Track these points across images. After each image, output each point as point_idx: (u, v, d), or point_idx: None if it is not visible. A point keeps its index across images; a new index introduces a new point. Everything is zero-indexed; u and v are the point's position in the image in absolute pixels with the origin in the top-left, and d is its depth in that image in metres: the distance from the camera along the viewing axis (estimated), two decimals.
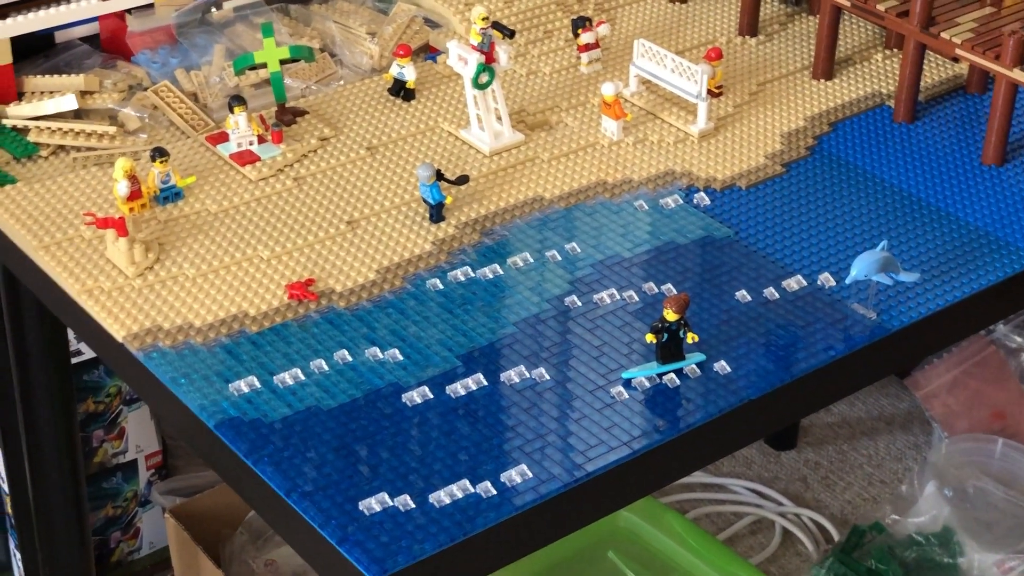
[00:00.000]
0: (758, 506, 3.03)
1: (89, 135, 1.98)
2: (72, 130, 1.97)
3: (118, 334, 1.68)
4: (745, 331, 1.72)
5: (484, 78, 1.97)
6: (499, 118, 2.02)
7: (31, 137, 1.98)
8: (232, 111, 1.94)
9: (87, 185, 1.91)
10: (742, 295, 1.78)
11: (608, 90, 2.02)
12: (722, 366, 1.67)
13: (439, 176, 1.88)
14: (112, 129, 1.98)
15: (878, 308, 1.76)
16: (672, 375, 1.65)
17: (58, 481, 2.23)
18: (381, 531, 1.45)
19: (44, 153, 1.97)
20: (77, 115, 2.03)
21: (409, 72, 2.10)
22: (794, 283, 1.80)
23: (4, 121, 2.00)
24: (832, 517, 2.99)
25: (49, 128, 1.98)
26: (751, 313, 1.75)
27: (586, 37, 2.17)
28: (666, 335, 1.65)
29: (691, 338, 1.65)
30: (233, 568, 2.48)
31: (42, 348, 2.12)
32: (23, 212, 1.86)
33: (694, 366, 1.66)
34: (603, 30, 2.20)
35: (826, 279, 1.81)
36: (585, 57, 2.19)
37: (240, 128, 1.95)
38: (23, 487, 2.29)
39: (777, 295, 1.78)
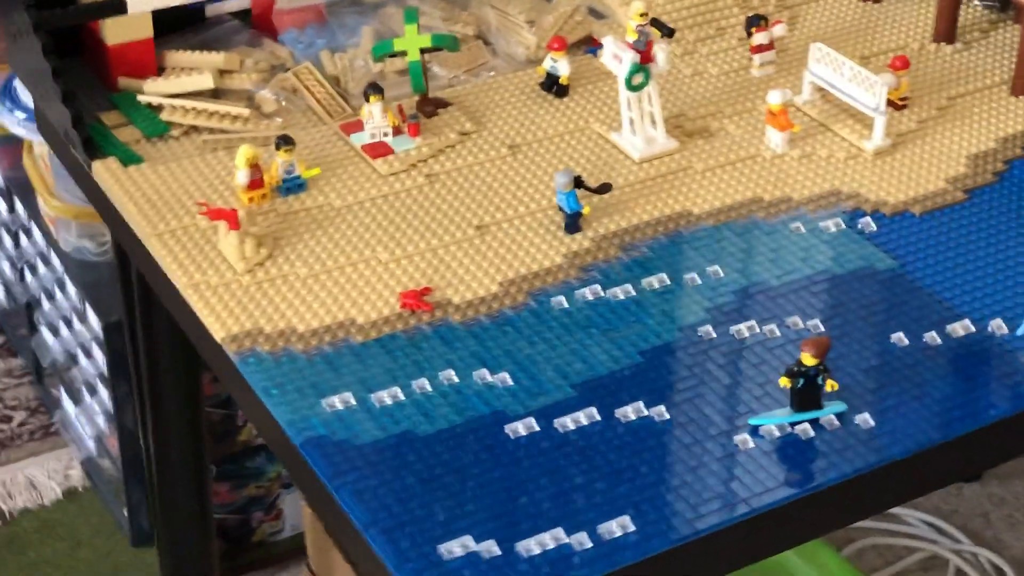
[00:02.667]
0: (933, 541, 2.83)
1: (223, 116, 1.88)
2: (206, 110, 1.89)
3: (218, 334, 1.58)
4: (897, 380, 1.55)
5: (638, 79, 1.82)
6: (653, 122, 1.87)
7: (164, 116, 1.89)
8: (368, 100, 1.83)
9: (211, 170, 1.82)
10: (898, 338, 1.60)
11: (775, 99, 1.85)
12: (865, 419, 1.50)
13: (578, 184, 1.74)
14: (246, 111, 1.88)
15: None
16: (806, 425, 1.49)
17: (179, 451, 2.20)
18: None
19: (176, 133, 1.88)
20: (215, 95, 1.94)
21: (563, 67, 1.96)
22: (960, 328, 1.61)
23: (140, 98, 1.92)
24: (1013, 560, 2.77)
25: (183, 107, 1.89)
26: (906, 360, 1.57)
27: (759, 37, 2.00)
28: (802, 380, 1.49)
29: (830, 386, 1.48)
30: None
31: (168, 334, 2.06)
32: (142, 195, 1.78)
33: (832, 417, 1.50)
34: (779, 30, 2.02)
35: (998, 326, 1.62)
36: (757, 59, 2.02)
37: (375, 118, 1.84)
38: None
39: (939, 341, 1.60)
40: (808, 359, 1.47)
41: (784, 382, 1.49)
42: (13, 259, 3.07)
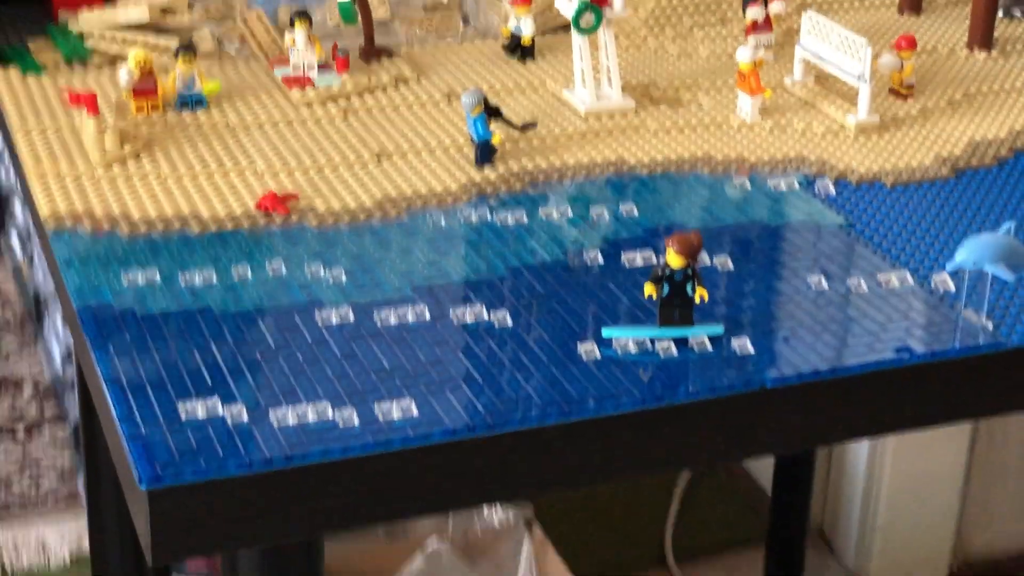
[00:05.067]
0: None
1: (149, 47, 1.75)
2: (134, 41, 1.75)
3: (43, 212, 1.41)
4: (797, 315, 1.29)
5: (588, 19, 1.62)
6: (610, 80, 1.66)
7: (89, 43, 1.76)
8: (292, 25, 1.67)
9: (112, 87, 1.67)
10: (816, 280, 1.34)
11: (743, 56, 1.63)
12: (743, 343, 1.23)
13: (494, 114, 1.53)
14: (175, 44, 1.74)
15: (998, 319, 1.29)
16: (669, 343, 1.24)
17: None
18: (184, 438, 1.09)
19: (97, 61, 1.75)
20: (158, 32, 1.80)
21: (526, 26, 1.77)
22: (895, 278, 1.34)
23: (71, 25, 1.79)
24: None
25: (112, 36, 1.76)
26: (818, 300, 1.31)
27: (753, 13, 1.78)
28: (667, 287, 1.24)
29: (700, 295, 1.23)
30: None
31: None
32: (27, 99, 1.63)
33: (704, 338, 1.24)
34: (776, 7, 1.80)
35: (942, 282, 1.35)
36: (752, 41, 1.80)
37: (298, 47, 1.67)
38: None
39: (865, 288, 1.33)
40: (673, 258, 1.23)
41: (649, 289, 1.24)
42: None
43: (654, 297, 1.24)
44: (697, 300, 1.23)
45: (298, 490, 1.09)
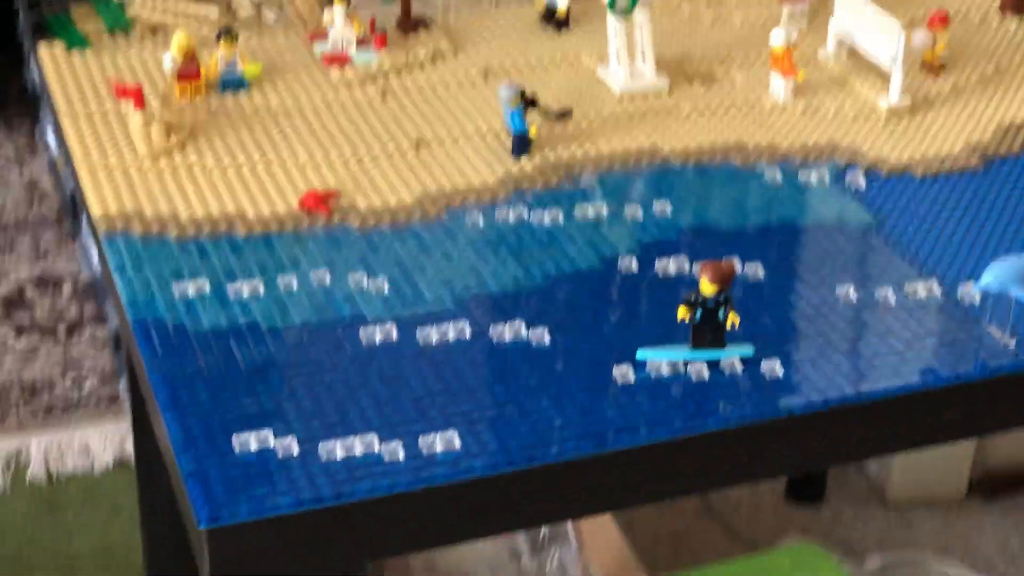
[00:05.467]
0: None
1: (190, 17, 1.77)
2: (174, 9, 1.78)
3: (95, 212, 1.45)
4: (825, 333, 1.33)
5: (624, 2, 1.65)
6: (644, 58, 1.69)
7: (130, 12, 1.79)
8: (331, 2, 1.69)
9: (156, 63, 1.70)
10: (845, 292, 1.38)
11: (776, 39, 1.65)
12: (772, 367, 1.28)
13: (529, 102, 1.56)
14: (215, 13, 1.76)
15: (1022, 335, 1.33)
16: (701, 365, 1.28)
17: None
18: (241, 472, 1.15)
19: (139, 31, 1.77)
20: None
21: None
22: (922, 288, 1.38)
23: None
24: None
25: (152, 4, 1.79)
26: (845, 315, 1.35)
27: None
28: (700, 312, 1.28)
29: (731, 321, 1.28)
30: None
31: None
32: (73, 78, 1.67)
33: (735, 359, 1.29)
34: None
35: (967, 292, 1.38)
36: (786, 11, 1.81)
37: (336, 26, 1.70)
38: None
39: (893, 300, 1.37)
40: (706, 286, 1.27)
41: (682, 312, 1.28)
42: None
43: (687, 321, 1.28)
44: (728, 326, 1.28)
45: (346, 523, 1.15)
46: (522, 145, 1.56)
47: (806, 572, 2.16)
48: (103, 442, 2.89)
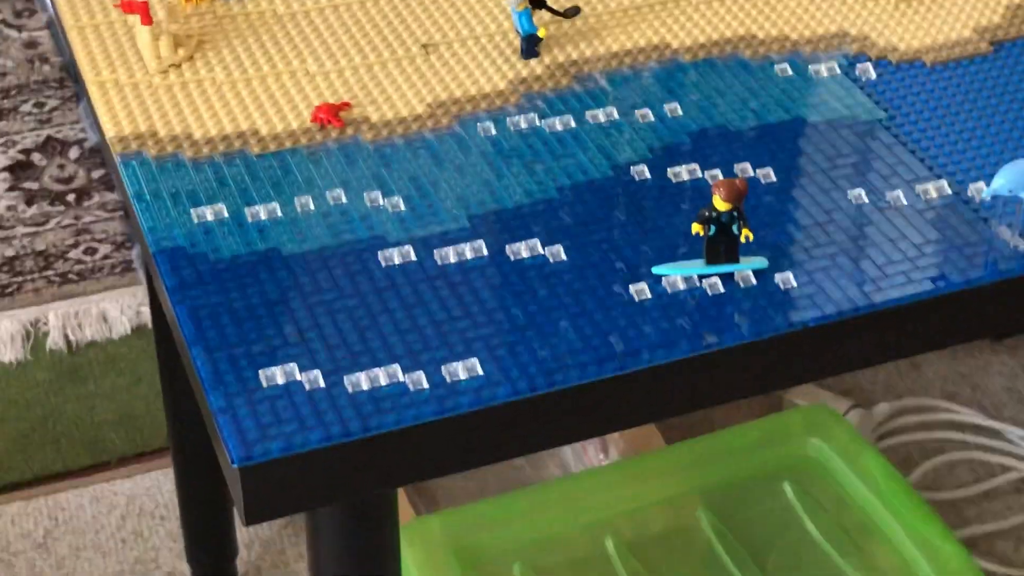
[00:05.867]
0: None
1: None
2: None
3: (108, 132, 1.46)
4: (837, 240, 1.34)
5: None
6: None
7: None
8: None
9: None
10: (857, 195, 1.39)
11: None
12: (786, 278, 1.30)
13: (537, 3, 1.56)
14: None
15: None
16: (716, 279, 1.30)
17: None
18: (269, 409, 1.18)
19: None
20: None
21: None
22: (933, 189, 1.40)
23: None
24: None
25: None
26: (858, 219, 1.37)
27: None
28: (714, 228, 1.30)
29: (745, 235, 1.29)
30: None
31: None
32: None
33: (749, 273, 1.31)
34: None
35: (977, 191, 1.39)
36: None
37: None
38: None
39: (905, 201, 1.39)
40: (719, 202, 1.28)
41: (696, 228, 1.30)
42: None
43: (701, 235, 1.30)
44: (743, 240, 1.29)
45: (373, 453, 1.18)
46: (531, 47, 1.55)
47: (819, 433, 2.21)
48: (120, 309, 2.93)
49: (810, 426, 2.26)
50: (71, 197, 3.17)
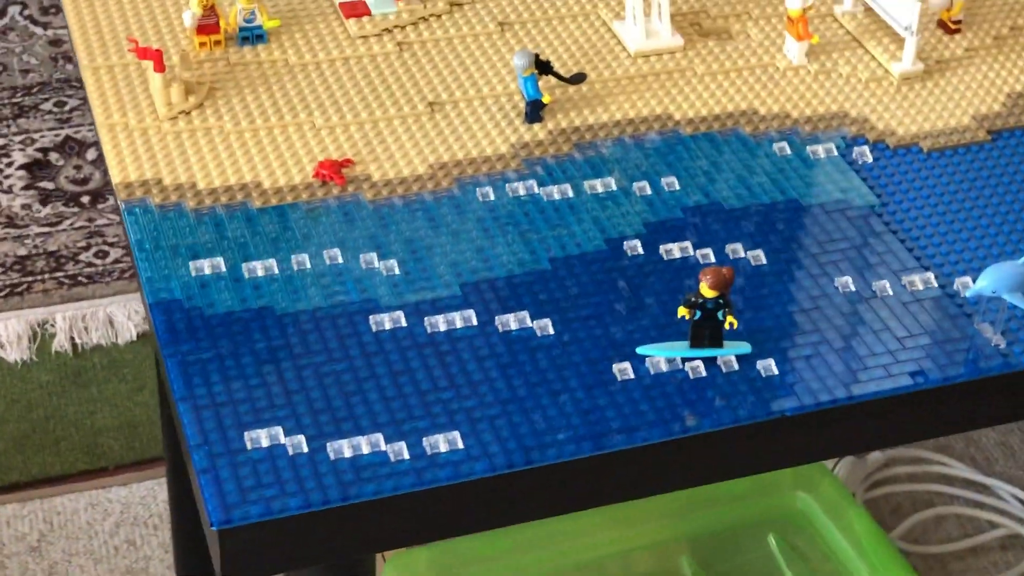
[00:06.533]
0: (1021, 519, 2.60)
1: None
2: None
3: (115, 178, 1.49)
4: (822, 329, 1.37)
5: None
6: (659, 14, 1.70)
7: None
8: None
9: (179, 9, 1.72)
10: (844, 283, 1.41)
11: (793, 3, 1.66)
12: (767, 365, 1.32)
13: (544, 68, 1.58)
14: None
15: (1011, 337, 1.36)
16: (699, 363, 1.33)
17: None
18: (252, 472, 1.21)
19: None
20: None
21: None
22: (919, 281, 1.42)
23: None
24: None
25: None
26: (843, 307, 1.39)
27: None
28: (699, 313, 1.32)
29: (730, 322, 1.32)
30: None
31: None
32: (94, 25, 1.69)
33: (732, 358, 1.33)
34: None
35: (963, 285, 1.42)
36: None
37: None
38: None
39: (891, 292, 1.41)
40: (706, 290, 1.31)
41: (682, 312, 1.33)
42: None
43: (687, 318, 1.32)
44: (727, 327, 1.32)
45: (353, 520, 1.21)
46: (535, 112, 1.58)
47: (806, 487, 2.23)
48: (127, 315, 2.95)
49: (798, 479, 2.28)
50: (86, 199, 3.21)
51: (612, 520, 2.27)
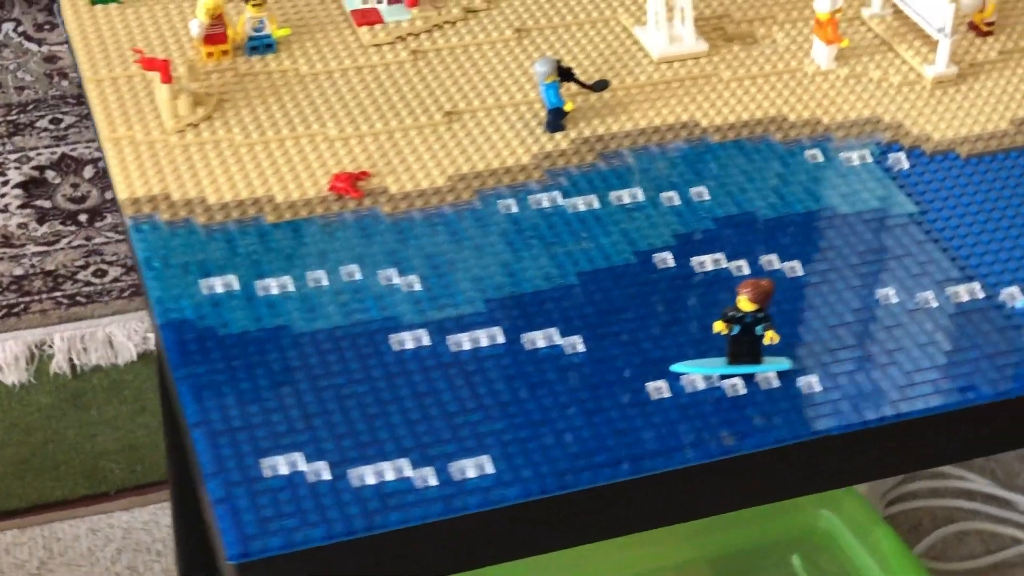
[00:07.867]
0: None
1: None
2: None
3: (121, 193, 1.43)
4: (865, 343, 1.30)
5: None
6: (683, 19, 1.64)
7: None
8: None
9: (183, 20, 1.65)
10: (886, 295, 1.35)
11: (822, 6, 1.60)
12: (810, 383, 1.26)
13: (566, 75, 1.52)
14: None
15: None
16: (737, 380, 1.26)
17: None
18: (271, 501, 1.14)
19: None
20: None
21: None
22: (965, 292, 1.36)
23: None
24: None
25: None
26: (887, 320, 1.33)
27: None
28: (738, 328, 1.26)
29: (769, 338, 1.26)
30: None
31: None
32: (97, 36, 1.62)
33: (772, 374, 1.27)
34: None
35: (1010, 296, 1.36)
36: None
37: None
38: None
39: (935, 303, 1.35)
40: (744, 303, 1.24)
41: (719, 327, 1.26)
42: None
43: (724, 333, 1.26)
44: (767, 341, 1.25)
45: (377, 551, 1.15)
46: (557, 120, 1.52)
47: (830, 505, 2.17)
48: (127, 334, 2.89)
49: (822, 497, 2.22)
50: (83, 217, 3.14)
51: (635, 540, 2.19)
